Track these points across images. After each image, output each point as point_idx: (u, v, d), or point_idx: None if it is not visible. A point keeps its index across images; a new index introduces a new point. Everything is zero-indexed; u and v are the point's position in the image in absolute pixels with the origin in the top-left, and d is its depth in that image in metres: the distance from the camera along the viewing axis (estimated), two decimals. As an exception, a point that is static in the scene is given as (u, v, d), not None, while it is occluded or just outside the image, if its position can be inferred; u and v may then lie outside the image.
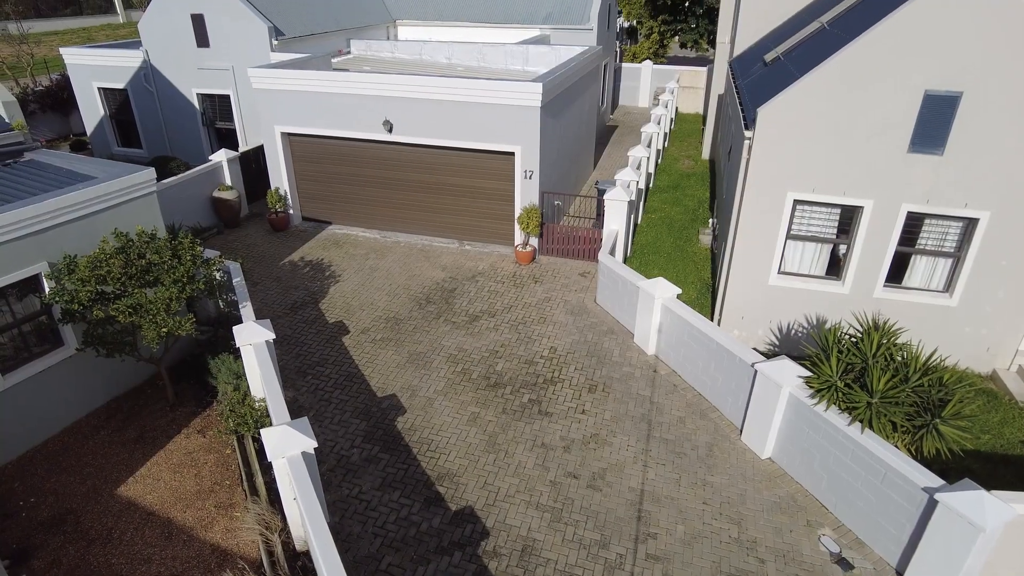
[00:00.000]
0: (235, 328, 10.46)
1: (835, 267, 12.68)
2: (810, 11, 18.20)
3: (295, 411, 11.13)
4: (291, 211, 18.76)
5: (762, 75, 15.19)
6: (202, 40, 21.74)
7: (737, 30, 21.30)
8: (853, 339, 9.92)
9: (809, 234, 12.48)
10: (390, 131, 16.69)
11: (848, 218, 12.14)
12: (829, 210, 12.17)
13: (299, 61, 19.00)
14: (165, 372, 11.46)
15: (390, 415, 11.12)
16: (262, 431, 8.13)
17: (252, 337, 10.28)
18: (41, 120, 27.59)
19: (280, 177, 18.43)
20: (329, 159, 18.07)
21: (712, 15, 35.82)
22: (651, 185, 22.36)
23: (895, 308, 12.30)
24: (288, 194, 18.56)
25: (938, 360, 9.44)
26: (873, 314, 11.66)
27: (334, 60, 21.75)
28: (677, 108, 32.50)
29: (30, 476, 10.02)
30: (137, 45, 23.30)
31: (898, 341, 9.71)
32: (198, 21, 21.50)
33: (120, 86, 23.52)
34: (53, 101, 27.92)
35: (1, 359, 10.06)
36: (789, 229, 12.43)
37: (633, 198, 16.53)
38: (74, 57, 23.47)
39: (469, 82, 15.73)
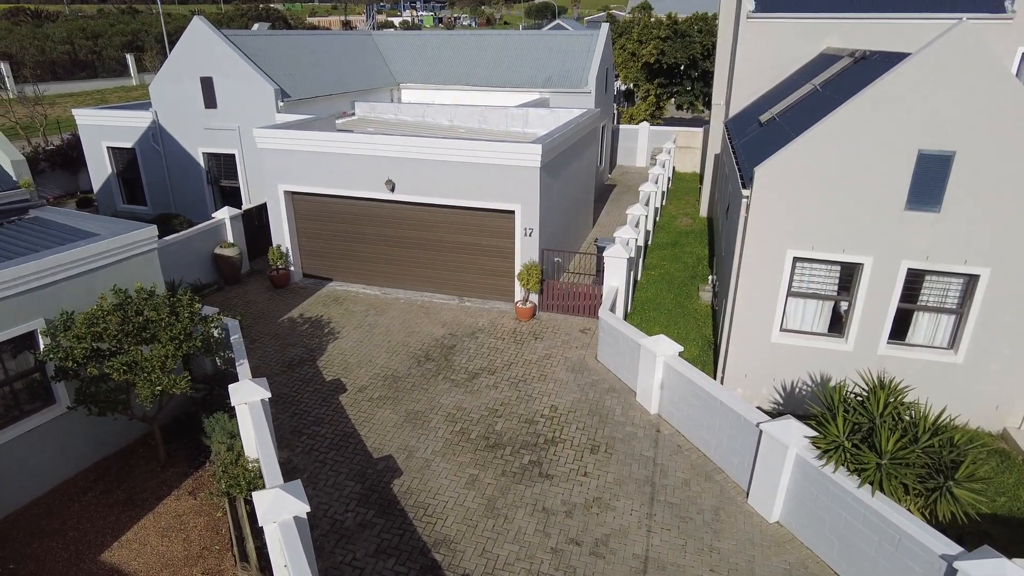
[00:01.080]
0: (231, 386, 10.29)
1: (837, 324, 12.59)
2: (803, 74, 18.72)
3: (289, 472, 10.83)
4: (292, 268, 18.81)
5: (758, 135, 15.49)
6: (210, 101, 22.31)
7: (732, 92, 21.87)
8: (859, 398, 9.74)
9: (810, 291, 12.45)
10: (392, 190, 16.91)
11: (849, 275, 12.13)
12: (829, 267, 12.18)
13: (304, 122, 19.42)
14: (158, 431, 11.22)
15: (386, 477, 10.82)
16: (254, 494, 7.88)
17: (247, 396, 10.10)
18: (50, 178, 28.05)
19: (282, 234, 18.56)
20: (331, 217, 18.24)
21: (707, 78, 36.88)
22: (650, 242, 22.52)
23: (900, 365, 12.14)
24: (289, 251, 18.65)
25: (947, 419, 9.24)
26: (878, 372, 11.50)
27: (338, 121, 22.25)
28: (674, 168, 33.07)
29: (11, 540, 9.66)
30: (147, 106, 23.89)
31: (905, 400, 9.52)
32: (207, 83, 22.11)
33: (128, 145, 24.01)
34: (63, 160, 28.46)
35: (-10, 418, 9.87)
36: (790, 286, 12.40)
37: (632, 255, 16.60)
38: (85, 118, 24.06)
39: (471, 143, 16.03)
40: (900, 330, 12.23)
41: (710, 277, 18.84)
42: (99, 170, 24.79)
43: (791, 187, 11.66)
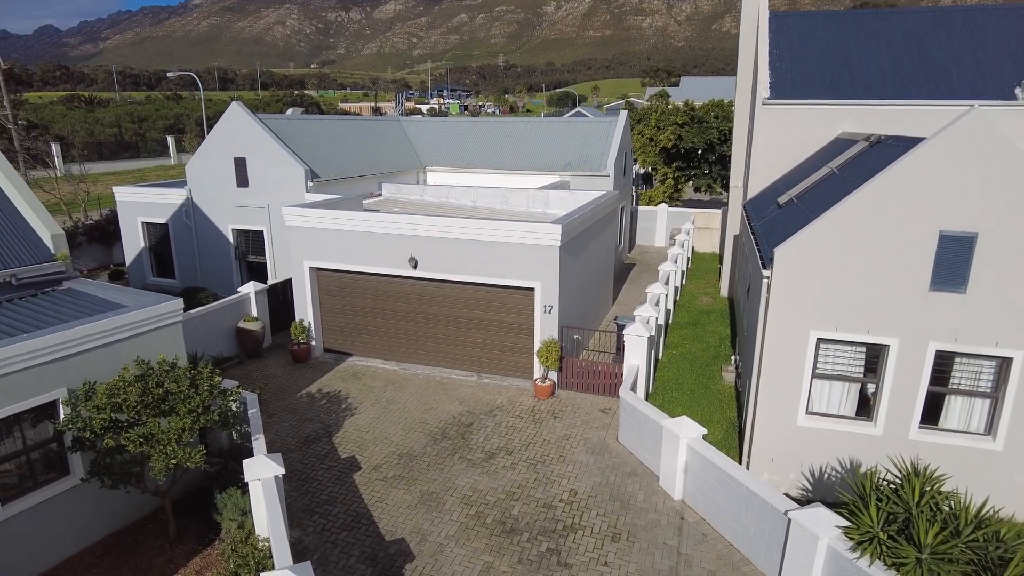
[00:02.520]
0: (245, 462, 10.17)
1: (866, 407, 12.22)
2: (819, 157, 19.05)
3: (299, 553, 10.50)
4: (313, 342, 18.94)
5: (776, 217, 15.62)
6: (242, 181, 23.22)
7: (749, 175, 22.26)
8: (892, 485, 9.30)
9: (835, 373, 12.17)
10: (415, 267, 17.19)
11: (874, 357, 11.87)
12: (854, 348, 11.95)
13: (331, 201, 20.06)
14: (169, 506, 11.03)
15: (398, 561, 10.43)
16: (263, 575, 7.62)
17: (261, 472, 9.96)
18: (86, 251, 29.04)
19: (305, 309, 18.82)
20: (354, 293, 18.50)
21: (724, 161, 37.67)
22: (671, 321, 22.39)
23: (934, 451, 11.65)
24: (312, 326, 18.84)
25: (991, 511, 8.75)
26: (911, 458, 11.04)
27: (365, 201, 22.94)
28: (693, 248, 33.30)
29: (13, 620, 9.38)
30: (182, 184, 24.92)
31: (943, 488, 9.07)
32: (240, 163, 23.09)
33: (162, 221, 24.90)
34: (100, 234, 29.57)
35: (3, 487, 9.80)
36: (814, 368, 12.15)
37: (653, 333, 16.48)
38: (124, 195, 25.15)
39: (492, 222, 16.37)
40: (932, 414, 11.82)
41: (733, 357, 18.56)
42: (132, 244, 25.65)
43: (812, 268, 11.64)
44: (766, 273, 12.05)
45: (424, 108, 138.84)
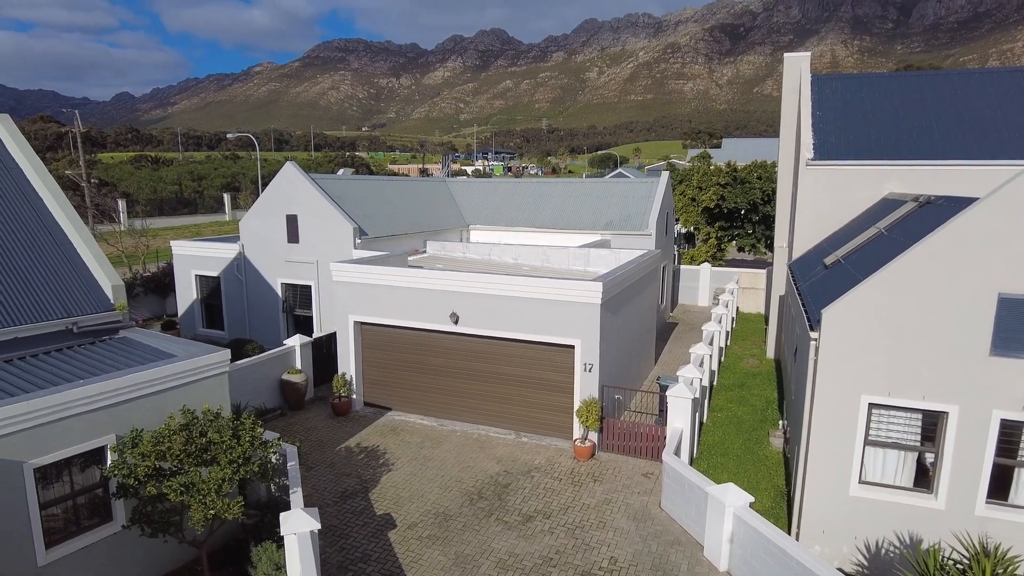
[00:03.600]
0: (282, 515, 10.16)
1: (924, 477, 11.55)
2: (866, 218, 18.73)
3: (330, 612, 10.30)
4: (354, 396, 19.08)
5: (823, 277, 15.30)
6: (293, 237, 24.05)
7: (794, 235, 21.98)
8: (959, 566, 8.68)
9: (890, 440, 11.59)
10: (456, 323, 17.32)
11: (932, 424, 11.29)
12: (909, 415, 11.40)
13: (378, 258, 20.55)
14: (205, 557, 11.01)
15: (431, 624, 10.11)
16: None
17: (297, 526, 9.91)
18: (143, 302, 30.24)
19: (348, 363, 19.05)
20: (396, 347, 18.69)
21: (768, 221, 37.34)
22: (715, 383, 21.83)
23: (1006, 530, 10.85)
24: (353, 379, 19.02)
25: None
26: (979, 536, 10.31)
27: (410, 258, 23.43)
28: (738, 308, 32.73)
29: (47, 668, 9.37)
30: (236, 239, 25.94)
31: (1017, 572, 8.42)
32: (292, 220, 23.97)
33: (214, 274, 25.85)
34: (156, 285, 30.83)
35: (49, 531, 9.98)
36: (867, 434, 11.61)
37: (697, 395, 16.07)
38: (181, 248, 26.32)
39: (533, 279, 16.48)
40: (1001, 488, 11.07)
41: (780, 422, 17.91)
42: (186, 296, 26.62)
43: (861, 329, 11.28)
44: (813, 335, 11.73)
45: (469, 169, 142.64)
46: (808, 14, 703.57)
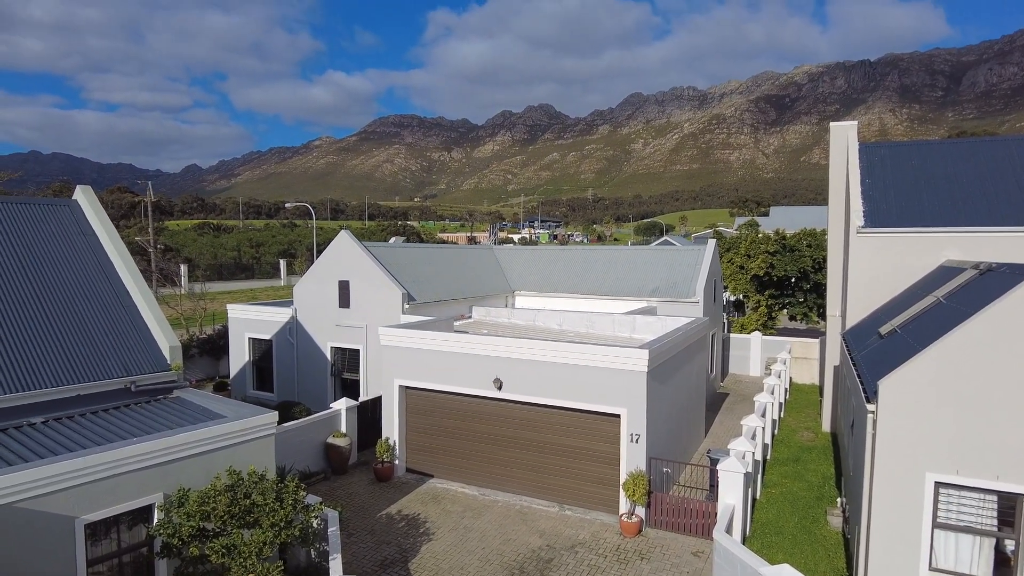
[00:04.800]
0: (320, 580, 10.02)
1: (1006, 566, 10.65)
2: (923, 286, 18.12)
3: None
4: (397, 462, 19.00)
5: (879, 347, 14.75)
6: (344, 302, 24.68)
7: (847, 304, 21.38)
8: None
9: (962, 524, 10.80)
10: (499, 388, 17.25)
11: (1009, 507, 10.50)
12: (982, 496, 10.65)
13: (424, 323, 20.84)
14: (242, 624, 10.88)
15: None
16: None
17: (335, 592, 9.75)
18: (197, 363, 31.21)
19: (392, 427, 19.08)
20: (439, 413, 18.66)
21: (819, 290, 36.45)
22: (769, 457, 20.91)
23: (1097, 631, 9.85)
24: (396, 445, 18.99)
25: None
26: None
27: (456, 323, 23.67)
28: (791, 378, 31.62)
29: None
30: (289, 304, 26.76)
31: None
32: (343, 286, 24.66)
33: (267, 337, 26.59)
34: (211, 347, 31.85)
35: (94, 592, 10.07)
36: (935, 517, 10.86)
37: (749, 470, 15.40)
38: (236, 312, 27.30)
39: (578, 345, 16.39)
40: (1089, 583, 10.12)
41: (839, 499, 16.92)
42: (238, 358, 27.37)
43: (922, 402, 10.75)
44: (870, 407, 11.22)
45: (516, 237, 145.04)
46: (854, 84, 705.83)
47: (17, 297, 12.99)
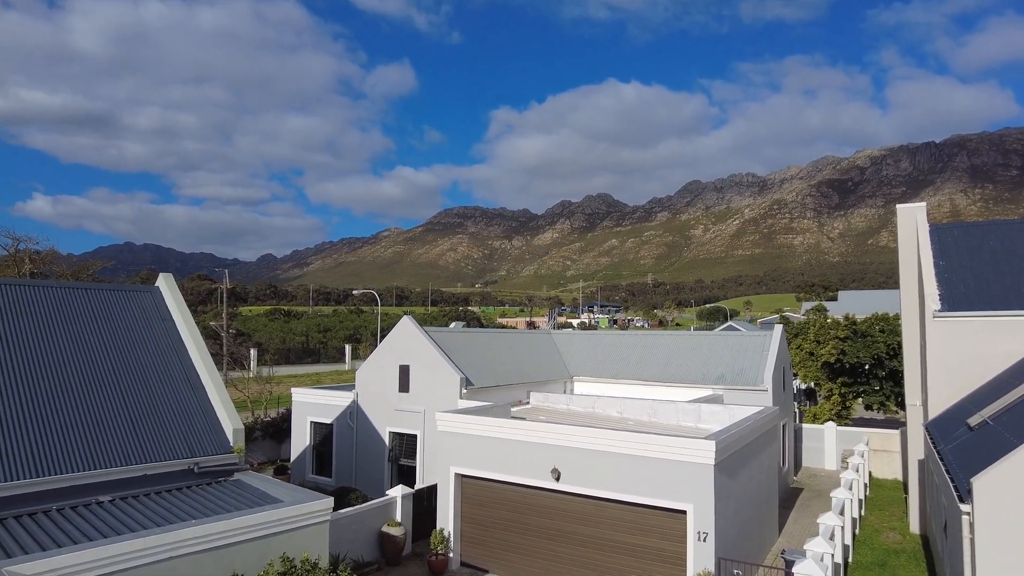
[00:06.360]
0: None
1: None
2: (1012, 375, 16.84)
3: None
4: (451, 554, 18.39)
5: (968, 440, 13.64)
6: (404, 386, 24.87)
7: (928, 393, 20.04)
8: None
9: (1086, 649, 9.48)
10: (557, 479, 16.70)
11: None
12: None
13: (482, 408, 20.68)
14: None
15: None
16: None
17: None
18: (260, 446, 31.68)
19: (447, 518, 18.62)
20: (495, 504, 18.14)
21: (896, 377, 34.38)
22: (851, 560, 19.18)
23: None
24: (451, 536, 18.45)
25: None
26: None
27: (514, 409, 23.39)
28: (870, 472, 29.40)
29: None
30: (351, 388, 27.16)
31: None
32: (404, 370, 24.93)
33: (328, 421, 26.88)
34: (274, 430, 32.37)
35: None
36: (1053, 638, 9.59)
37: (829, 574, 14.13)
38: (300, 395, 27.86)
39: (640, 435, 15.84)
40: None
41: (937, 615, 15.22)
42: (300, 441, 27.67)
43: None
44: (964, 508, 10.26)
45: (575, 322, 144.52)
46: (919, 166, 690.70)
47: (98, 377, 13.70)
